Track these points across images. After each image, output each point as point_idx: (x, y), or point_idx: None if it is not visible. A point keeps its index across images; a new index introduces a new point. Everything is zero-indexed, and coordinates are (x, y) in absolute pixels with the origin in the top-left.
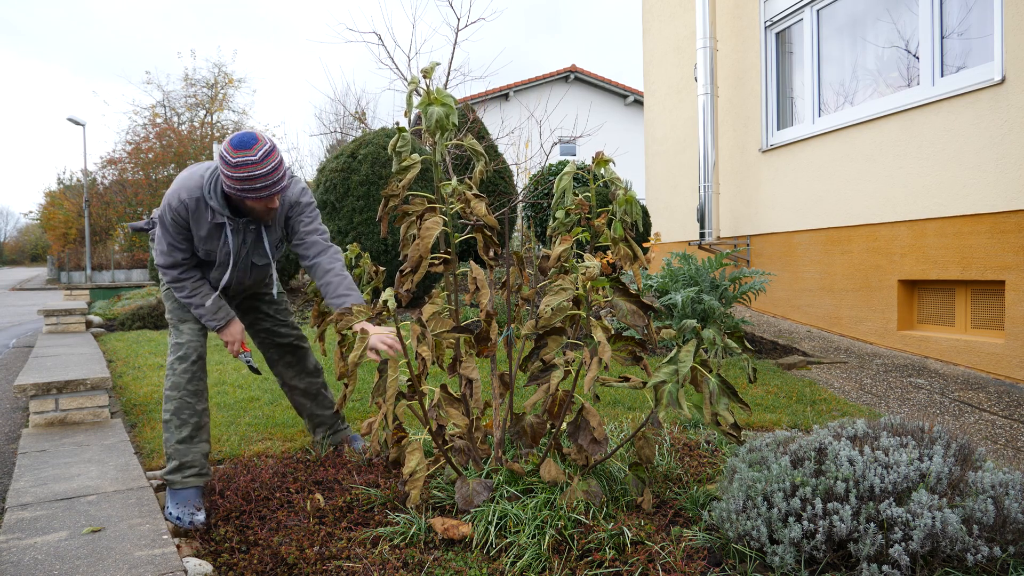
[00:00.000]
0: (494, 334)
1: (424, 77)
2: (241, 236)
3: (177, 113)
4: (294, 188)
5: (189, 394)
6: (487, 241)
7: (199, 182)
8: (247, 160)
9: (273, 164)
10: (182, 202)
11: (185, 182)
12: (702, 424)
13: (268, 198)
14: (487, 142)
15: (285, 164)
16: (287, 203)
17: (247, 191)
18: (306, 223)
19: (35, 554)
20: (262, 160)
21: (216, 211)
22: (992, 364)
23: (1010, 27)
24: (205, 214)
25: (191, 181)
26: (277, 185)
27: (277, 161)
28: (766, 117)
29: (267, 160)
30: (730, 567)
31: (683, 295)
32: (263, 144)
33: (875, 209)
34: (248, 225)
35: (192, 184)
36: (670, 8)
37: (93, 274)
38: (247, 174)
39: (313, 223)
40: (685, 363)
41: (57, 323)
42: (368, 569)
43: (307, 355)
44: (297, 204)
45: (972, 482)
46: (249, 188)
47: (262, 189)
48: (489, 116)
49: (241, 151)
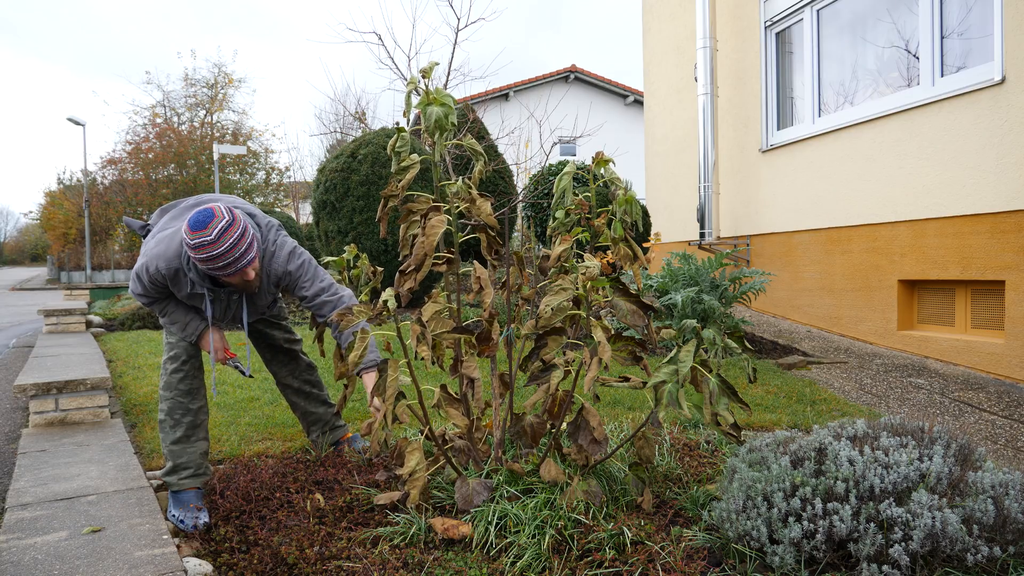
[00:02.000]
0: (496, 333)
1: (423, 77)
2: (224, 304)
3: (177, 113)
4: (279, 256)
5: (181, 393)
6: (491, 241)
7: (176, 253)
8: (203, 241)
9: (231, 241)
10: (159, 270)
11: (164, 252)
12: (702, 424)
13: (236, 273)
14: (487, 142)
15: (250, 235)
16: (275, 275)
17: (212, 269)
18: (307, 288)
19: (35, 554)
20: (218, 239)
21: (195, 282)
22: (992, 364)
23: (1010, 27)
24: (184, 282)
25: (169, 251)
26: (241, 260)
27: (236, 236)
28: (766, 117)
29: (224, 237)
30: (730, 567)
31: (683, 295)
32: (219, 220)
33: (875, 209)
34: (231, 294)
35: (170, 255)
36: (670, 8)
37: (93, 274)
38: (206, 255)
39: (314, 284)
40: (685, 363)
41: (57, 323)
42: (368, 569)
43: (300, 354)
44: (288, 275)
45: (972, 482)
46: (213, 267)
47: (226, 267)
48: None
49: (197, 232)
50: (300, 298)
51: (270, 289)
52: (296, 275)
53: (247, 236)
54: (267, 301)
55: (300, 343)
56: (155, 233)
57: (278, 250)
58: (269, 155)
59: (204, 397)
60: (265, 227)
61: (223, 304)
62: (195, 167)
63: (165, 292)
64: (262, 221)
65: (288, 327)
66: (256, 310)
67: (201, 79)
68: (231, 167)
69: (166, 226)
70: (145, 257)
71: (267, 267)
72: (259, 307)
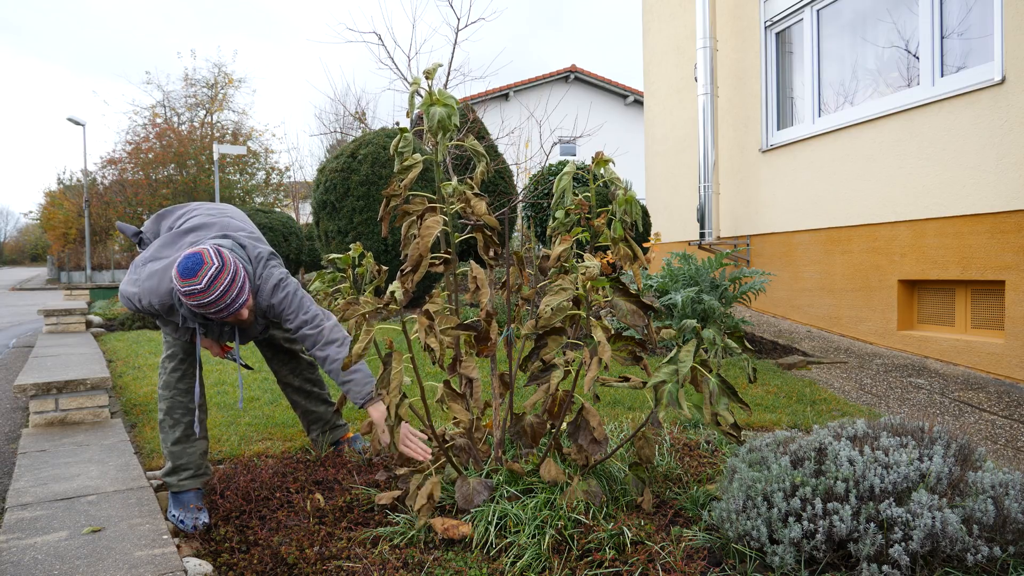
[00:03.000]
0: (494, 333)
1: (426, 78)
2: (216, 334)
3: (177, 113)
4: (264, 290)
5: (180, 392)
6: (487, 241)
7: (168, 291)
8: (193, 289)
9: (221, 288)
10: (151, 304)
11: (156, 288)
12: (702, 424)
13: (229, 316)
14: (487, 142)
15: (242, 277)
16: (260, 308)
17: (205, 315)
18: (291, 320)
19: (35, 554)
20: (208, 287)
21: (187, 318)
22: (992, 364)
23: (1010, 27)
24: (176, 315)
25: (161, 288)
26: (233, 305)
27: (227, 283)
28: (766, 117)
29: (215, 285)
30: (730, 567)
31: (683, 295)
32: (209, 267)
33: (875, 209)
34: (223, 326)
35: (162, 291)
36: (670, 8)
37: (93, 274)
38: (197, 302)
39: (297, 317)
40: (685, 363)
41: (57, 323)
42: (368, 569)
43: (301, 353)
44: (271, 307)
45: (972, 482)
46: (205, 312)
47: (218, 313)
48: (489, 116)
49: (187, 280)
50: (290, 331)
51: (259, 320)
52: (279, 308)
53: (238, 280)
54: (258, 330)
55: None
56: (147, 258)
57: (263, 284)
58: (269, 155)
59: (203, 396)
60: (255, 260)
61: (215, 334)
62: (195, 167)
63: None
64: (252, 253)
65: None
66: (247, 337)
67: (201, 79)
68: (231, 167)
69: (157, 256)
70: (138, 288)
71: (256, 300)
72: (251, 335)
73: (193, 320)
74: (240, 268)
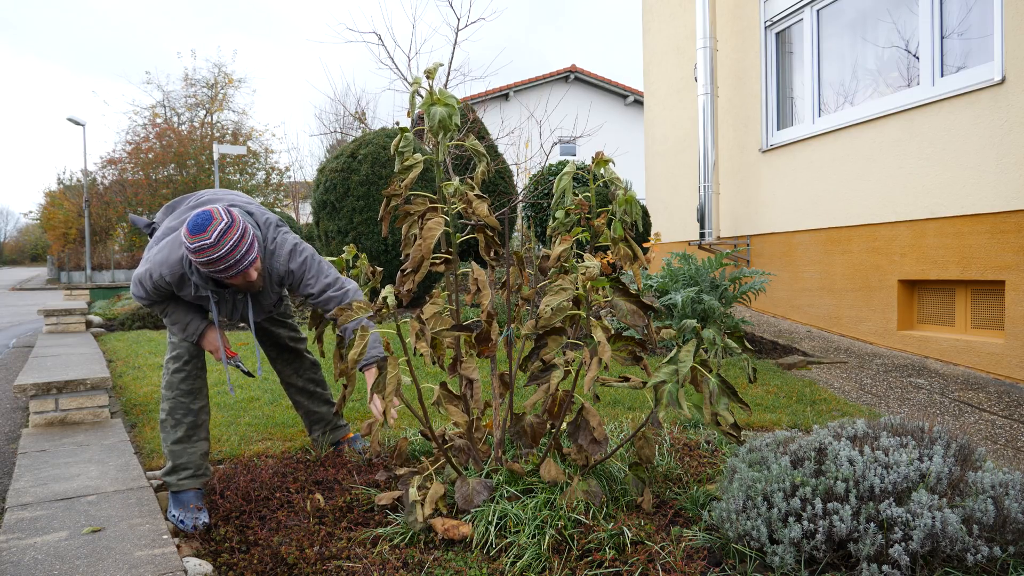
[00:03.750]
0: (495, 334)
1: (427, 78)
2: (229, 304)
3: (177, 113)
4: (280, 255)
5: (183, 393)
6: (489, 241)
7: (179, 258)
8: (203, 244)
9: (231, 243)
10: (163, 277)
11: (167, 259)
12: (702, 424)
13: (239, 275)
14: (487, 142)
15: (250, 235)
16: (277, 274)
17: (213, 272)
18: (312, 285)
19: (35, 554)
20: (218, 242)
21: (199, 286)
22: (992, 364)
23: (1010, 27)
24: (189, 285)
25: (172, 257)
26: (243, 262)
27: (236, 238)
28: (766, 117)
29: (224, 240)
30: (730, 567)
31: (683, 295)
32: (219, 223)
33: (875, 209)
34: (235, 295)
35: (173, 260)
36: (670, 8)
37: (93, 274)
38: (206, 258)
39: (319, 280)
40: (685, 363)
41: (57, 323)
42: (368, 569)
43: (305, 353)
44: (290, 273)
45: (972, 482)
46: (214, 270)
47: (227, 269)
48: (489, 116)
49: (196, 236)
50: (306, 295)
51: (274, 288)
52: (299, 273)
53: (247, 237)
54: (272, 300)
55: (305, 341)
56: (158, 237)
57: (278, 248)
58: (269, 155)
59: (206, 397)
60: (264, 225)
61: (229, 305)
62: (195, 167)
63: (168, 295)
64: (260, 219)
65: (293, 325)
66: (262, 309)
67: (201, 79)
68: (231, 167)
69: (168, 229)
70: (149, 263)
71: (268, 266)
72: (265, 306)
73: (205, 287)
74: (248, 227)
